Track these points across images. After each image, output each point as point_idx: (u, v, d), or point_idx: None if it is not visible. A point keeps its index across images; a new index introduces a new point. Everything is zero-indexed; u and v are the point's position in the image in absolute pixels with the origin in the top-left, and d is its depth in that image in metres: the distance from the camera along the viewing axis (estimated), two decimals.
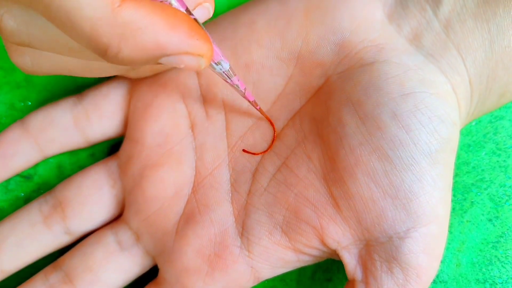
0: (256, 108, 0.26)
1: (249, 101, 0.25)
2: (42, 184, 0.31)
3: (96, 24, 0.17)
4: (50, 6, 0.17)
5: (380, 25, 0.25)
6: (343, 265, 0.25)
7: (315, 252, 0.25)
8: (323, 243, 0.25)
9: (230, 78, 0.23)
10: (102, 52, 0.18)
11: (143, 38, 0.17)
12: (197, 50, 0.19)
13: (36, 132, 0.29)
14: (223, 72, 0.23)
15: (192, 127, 0.28)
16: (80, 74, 0.24)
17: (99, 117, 0.29)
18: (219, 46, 0.27)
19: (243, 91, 0.24)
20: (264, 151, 0.27)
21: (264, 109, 0.27)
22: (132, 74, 0.27)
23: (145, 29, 0.17)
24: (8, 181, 0.31)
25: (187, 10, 0.20)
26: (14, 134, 0.29)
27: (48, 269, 0.28)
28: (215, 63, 0.22)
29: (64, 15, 0.17)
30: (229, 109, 0.28)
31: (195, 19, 0.20)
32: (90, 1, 0.17)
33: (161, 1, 0.19)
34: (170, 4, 0.19)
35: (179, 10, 0.19)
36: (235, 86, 0.24)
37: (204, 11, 0.22)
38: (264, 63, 0.27)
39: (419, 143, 0.23)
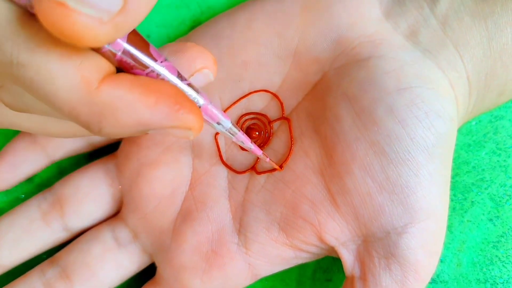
0: (266, 161, 0.25)
1: (258, 156, 0.25)
2: (43, 185, 0.31)
3: (73, 106, 0.17)
4: (31, 87, 0.17)
5: (377, 22, 0.25)
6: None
7: (313, 249, 0.25)
8: (321, 239, 0.24)
9: (234, 136, 0.23)
10: (86, 128, 0.18)
11: (123, 117, 0.17)
12: (183, 124, 0.18)
13: (43, 140, 0.29)
14: (226, 130, 0.22)
15: None
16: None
17: None
18: (217, 46, 0.27)
19: (251, 146, 0.24)
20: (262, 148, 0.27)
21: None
22: None
23: (125, 109, 0.17)
24: None
25: (179, 75, 0.19)
26: (23, 143, 0.29)
27: (44, 264, 0.28)
28: (216, 123, 0.21)
29: (43, 96, 0.17)
30: (226, 106, 0.27)
31: (190, 84, 0.19)
32: (65, 84, 0.16)
33: (147, 73, 0.18)
34: (158, 73, 0.18)
35: (165, 82, 0.18)
36: (240, 142, 0.23)
37: (204, 77, 0.22)
38: (261, 60, 0.27)
39: (415, 138, 0.23)
